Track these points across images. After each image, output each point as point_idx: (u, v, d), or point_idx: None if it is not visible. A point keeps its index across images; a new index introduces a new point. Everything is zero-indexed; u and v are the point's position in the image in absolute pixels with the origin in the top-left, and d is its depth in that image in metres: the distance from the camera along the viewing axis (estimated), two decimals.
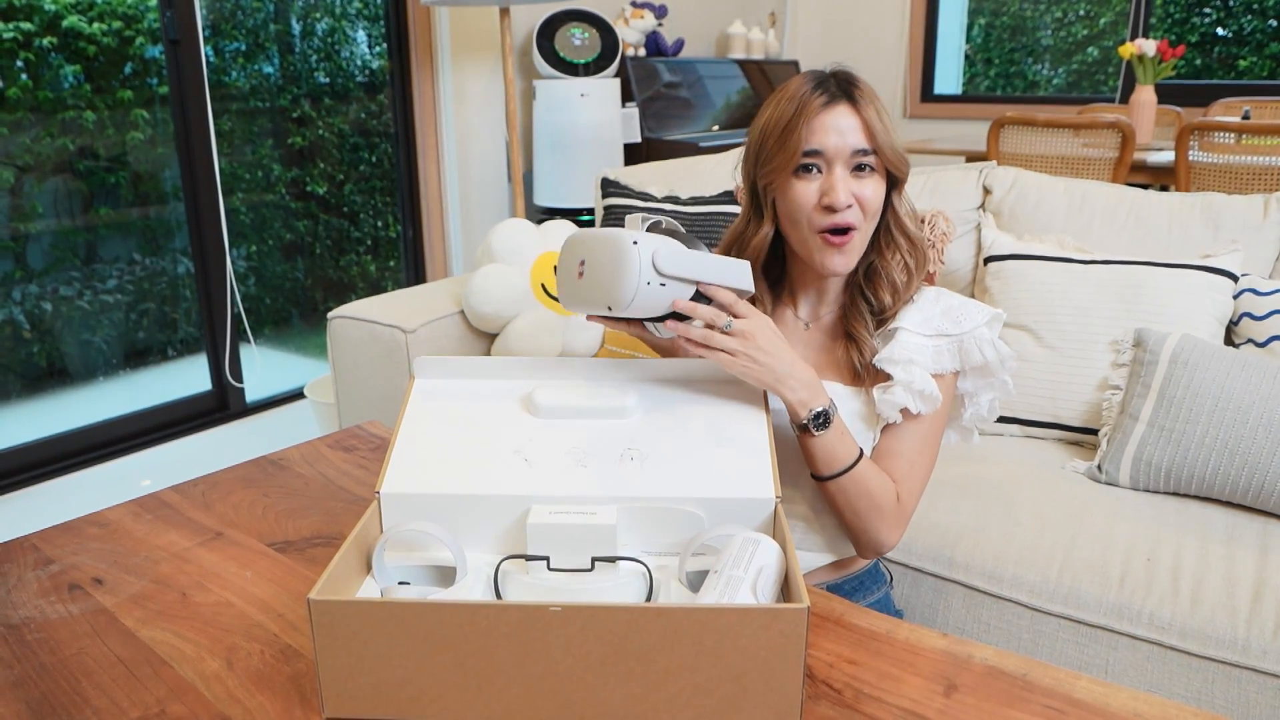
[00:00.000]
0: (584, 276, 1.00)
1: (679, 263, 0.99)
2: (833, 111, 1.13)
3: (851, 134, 1.13)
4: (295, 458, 1.37)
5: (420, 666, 0.79)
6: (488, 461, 0.98)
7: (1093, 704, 0.82)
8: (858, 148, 1.13)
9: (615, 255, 0.97)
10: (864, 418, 1.21)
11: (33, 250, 2.89)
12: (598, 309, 1.01)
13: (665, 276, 0.98)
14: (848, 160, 1.13)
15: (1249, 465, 1.50)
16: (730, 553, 0.86)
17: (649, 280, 0.97)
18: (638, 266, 0.96)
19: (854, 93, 1.14)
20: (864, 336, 1.20)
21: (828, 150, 1.13)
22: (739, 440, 0.99)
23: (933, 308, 1.20)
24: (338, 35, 3.63)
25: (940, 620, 1.52)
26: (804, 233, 1.17)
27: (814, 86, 1.14)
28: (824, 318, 1.27)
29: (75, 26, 2.86)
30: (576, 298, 1.03)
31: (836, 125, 1.13)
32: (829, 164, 1.13)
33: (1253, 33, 4.68)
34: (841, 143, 1.12)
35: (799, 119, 1.13)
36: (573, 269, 1.02)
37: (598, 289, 0.99)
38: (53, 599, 1.02)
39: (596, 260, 1.00)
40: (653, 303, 0.99)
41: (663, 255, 0.98)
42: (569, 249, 1.04)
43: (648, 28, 4.22)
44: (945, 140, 4.20)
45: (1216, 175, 3.06)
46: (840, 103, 1.14)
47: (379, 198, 3.83)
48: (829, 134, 1.13)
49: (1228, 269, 1.77)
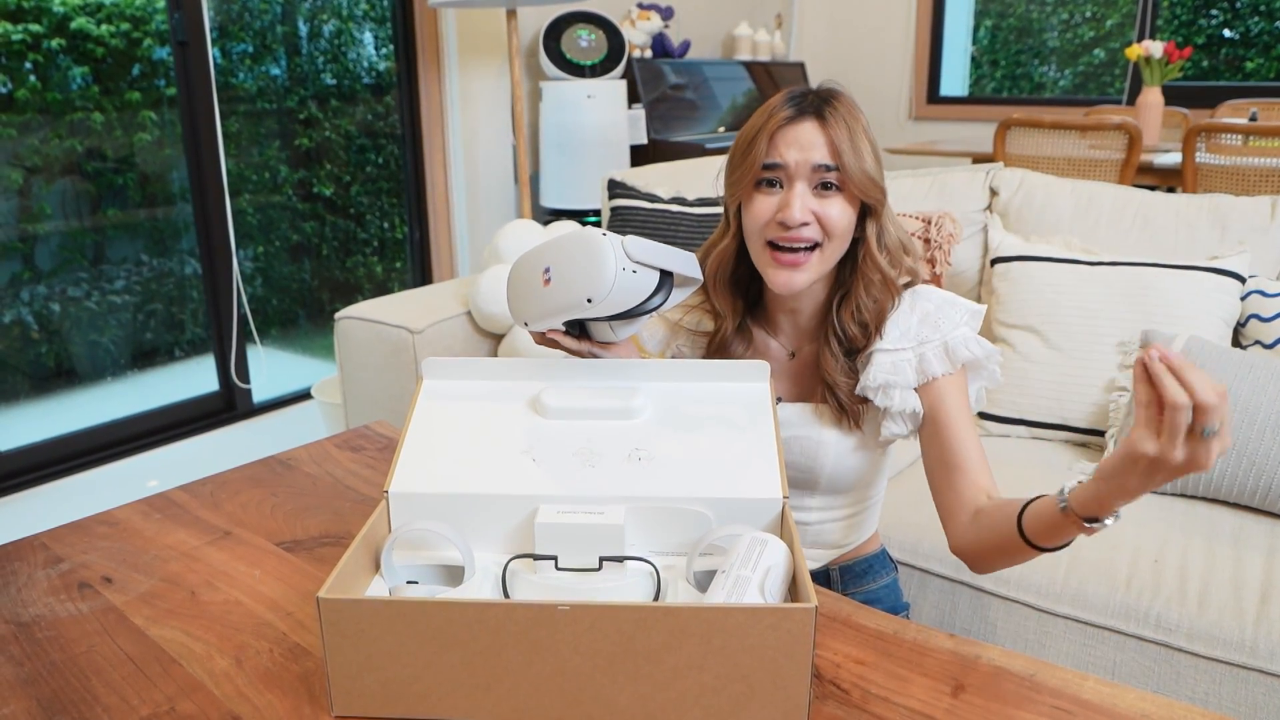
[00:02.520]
0: (551, 283, 1.03)
1: (646, 249, 1.03)
2: (797, 127, 1.11)
3: (814, 150, 1.10)
4: (303, 457, 1.38)
5: (429, 665, 0.79)
6: (496, 461, 0.98)
7: (1100, 705, 0.82)
8: (818, 163, 1.10)
9: (588, 249, 1.00)
10: (856, 439, 1.20)
11: (41, 251, 2.90)
12: (570, 309, 1.02)
13: (635, 263, 1.01)
14: (809, 176, 1.10)
15: (1256, 467, 1.49)
16: (738, 552, 0.87)
17: (624, 266, 1.00)
18: (613, 254, 0.99)
19: (825, 110, 1.11)
20: (838, 381, 1.17)
21: (788, 165, 1.10)
22: (746, 440, 1.00)
23: (909, 318, 1.17)
24: (345, 37, 3.64)
25: (947, 621, 1.52)
26: (755, 246, 1.15)
27: (786, 101, 1.13)
28: (805, 350, 1.24)
29: (83, 28, 2.87)
30: (541, 309, 1.06)
31: (799, 140, 1.10)
32: (789, 179, 1.11)
33: (1259, 34, 4.67)
34: (802, 158, 1.10)
35: (763, 132, 1.12)
36: (535, 280, 1.05)
37: (572, 287, 1.01)
38: (62, 597, 1.02)
39: (566, 261, 1.02)
40: (627, 292, 1.02)
41: (631, 242, 1.02)
42: (526, 263, 1.08)
43: (654, 29, 4.22)
44: (951, 142, 4.20)
45: (1224, 177, 3.05)
46: (807, 119, 1.11)
47: (386, 199, 3.84)
48: (790, 149, 1.10)
49: (1235, 270, 1.76)
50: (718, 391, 1.06)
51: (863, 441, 1.20)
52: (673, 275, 1.06)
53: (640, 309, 1.04)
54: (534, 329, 1.09)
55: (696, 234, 2.17)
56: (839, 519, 1.27)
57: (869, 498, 1.29)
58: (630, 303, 1.03)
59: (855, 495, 1.26)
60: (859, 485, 1.25)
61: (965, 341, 1.14)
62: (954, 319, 1.15)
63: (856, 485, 1.24)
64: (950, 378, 1.15)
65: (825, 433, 1.19)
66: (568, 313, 1.03)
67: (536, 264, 1.06)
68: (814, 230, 1.11)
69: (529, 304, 1.07)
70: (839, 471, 1.21)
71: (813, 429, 1.19)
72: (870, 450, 1.22)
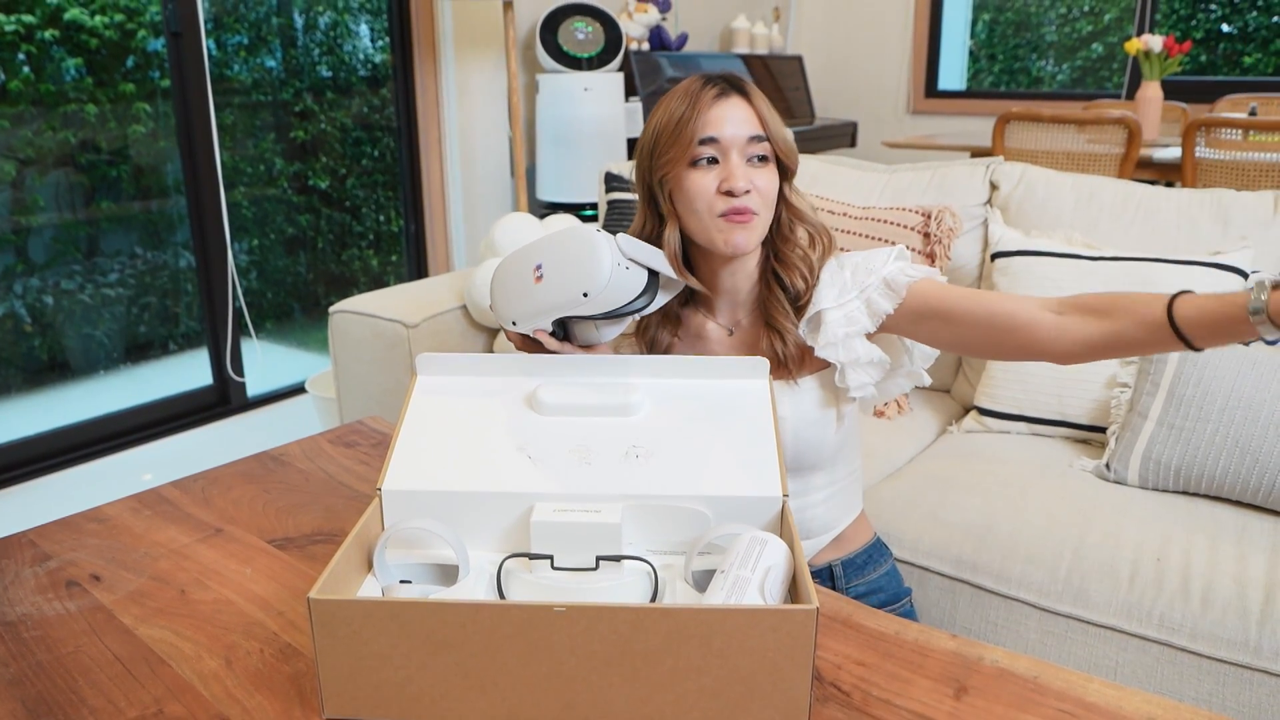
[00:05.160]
0: (543, 279, 1.04)
1: (637, 247, 1.05)
2: (726, 102, 1.16)
3: (745, 124, 1.15)
4: (296, 453, 1.36)
5: (422, 666, 0.78)
6: (491, 459, 0.97)
7: (1105, 707, 0.81)
8: (752, 134, 1.15)
9: (584, 245, 1.02)
10: (808, 408, 1.22)
11: (34, 244, 2.88)
12: (564, 306, 1.03)
13: (628, 259, 1.03)
14: (742, 149, 1.15)
15: (1260, 464, 1.48)
16: (737, 552, 0.85)
17: (618, 262, 1.01)
18: (610, 249, 1.01)
19: (744, 87, 1.18)
20: (786, 327, 1.21)
21: (723, 138, 1.14)
22: (745, 438, 0.98)
23: (840, 274, 1.21)
24: (340, 29, 3.62)
25: (947, 620, 1.51)
26: (704, 220, 1.16)
27: (705, 83, 1.17)
28: (743, 321, 1.27)
29: (77, 19, 2.84)
30: (532, 306, 1.06)
31: (730, 116, 1.15)
32: (724, 153, 1.15)
33: (1258, 29, 4.66)
34: (736, 131, 1.14)
35: (692, 111, 1.15)
36: (525, 278, 1.06)
37: (567, 283, 1.02)
38: (50, 596, 1.00)
39: (560, 258, 1.03)
40: (619, 289, 1.03)
41: (623, 239, 1.04)
42: (514, 262, 1.08)
43: (651, 22, 4.20)
44: (949, 136, 4.18)
45: (1224, 171, 3.04)
46: (732, 95, 1.16)
47: (381, 192, 3.82)
48: (724, 124, 1.14)
49: (1237, 266, 1.75)
50: (716, 388, 1.04)
51: (818, 414, 1.22)
52: (659, 276, 1.07)
53: (628, 308, 1.05)
54: (521, 329, 1.08)
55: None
56: (819, 501, 1.28)
57: (843, 474, 1.30)
58: (621, 300, 1.04)
59: (827, 472, 1.27)
60: (828, 459, 1.25)
61: (901, 271, 1.18)
62: (882, 260, 1.19)
63: (825, 460, 1.25)
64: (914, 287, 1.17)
65: (779, 409, 1.18)
66: (561, 309, 1.03)
67: (526, 262, 1.06)
68: (754, 199, 1.15)
69: (518, 302, 1.06)
70: (801, 445, 1.22)
71: None
72: (829, 421, 1.23)
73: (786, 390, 1.21)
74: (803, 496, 1.26)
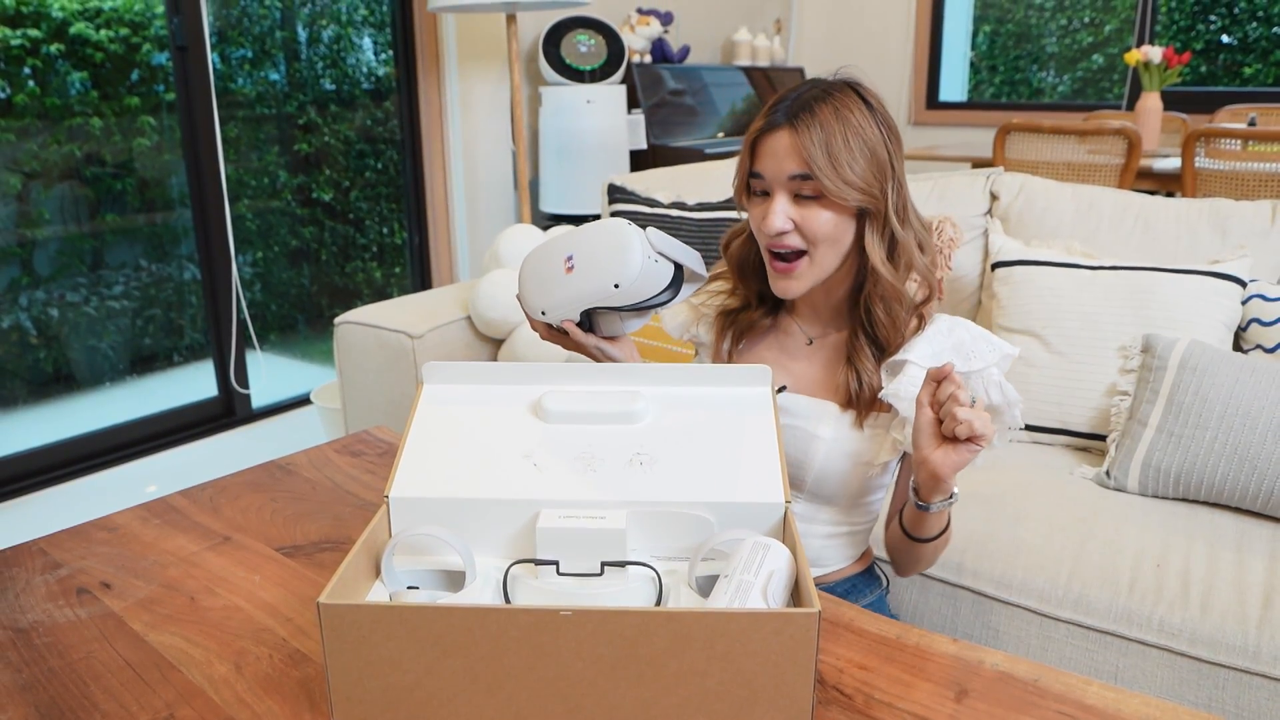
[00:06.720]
0: (575, 270, 1.04)
1: (666, 241, 1.06)
2: (771, 137, 1.11)
3: (787, 160, 1.10)
4: (303, 462, 1.37)
5: (430, 671, 0.79)
6: (497, 466, 0.98)
7: (1105, 710, 0.82)
8: (792, 173, 1.10)
9: (616, 237, 1.03)
10: (849, 439, 1.19)
11: (39, 256, 2.90)
12: (594, 296, 1.03)
13: (657, 253, 1.04)
14: (785, 185, 1.11)
15: (1258, 471, 1.49)
16: (740, 557, 0.86)
17: (648, 255, 1.03)
18: (640, 241, 1.02)
19: (800, 117, 1.09)
20: (866, 369, 1.17)
21: (766, 174, 1.12)
22: (748, 444, 0.99)
23: (944, 340, 1.15)
24: (344, 42, 3.64)
25: (948, 626, 1.51)
26: (762, 251, 1.18)
27: (769, 108, 1.13)
28: (829, 336, 1.24)
29: (82, 33, 2.87)
30: (563, 296, 1.06)
31: (772, 149, 1.11)
32: (771, 188, 1.13)
33: (1258, 40, 4.68)
34: (776, 167, 1.11)
35: (748, 140, 1.14)
36: (556, 268, 1.06)
37: (598, 274, 1.03)
38: (61, 603, 1.01)
39: (591, 249, 1.04)
40: (648, 280, 1.04)
41: (653, 233, 1.04)
42: (544, 253, 1.09)
43: (654, 34, 4.23)
44: (950, 147, 4.20)
45: (1223, 182, 3.06)
46: (780, 129, 1.11)
47: (385, 204, 3.84)
48: (765, 158, 1.12)
49: (1236, 275, 1.76)
50: (719, 395, 1.05)
51: (858, 449, 1.19)
52: (683, 271, 1.07)
53: (654, 300, 1.05)
54: (550, 318, 1.08)
55: (697, 238, 2.17)
56: (820, 535, 1.25)
57: (855, 524, 1.26)
58: (649, 292, 1.05)
59: (841, 513, 1.24)
60: (846, 498, 1.22)
61: (991, 384, 1.13)
62: (986, 357, 1.14)
63: (843, 496, 1.22)
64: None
65: (822, 428, 1.18)
66: (591, 300, 1.03)
67: (558, 253, 1.06)
68: (795, 238, 1.12)
69: (549, 293, 1.06)
70: (827, 471, 1.19)
71: (810, 421, 1.19)
72: (864, 461, 1.19)
73: (836, 416, 1.19)
74: (807, 524, 1.23)
